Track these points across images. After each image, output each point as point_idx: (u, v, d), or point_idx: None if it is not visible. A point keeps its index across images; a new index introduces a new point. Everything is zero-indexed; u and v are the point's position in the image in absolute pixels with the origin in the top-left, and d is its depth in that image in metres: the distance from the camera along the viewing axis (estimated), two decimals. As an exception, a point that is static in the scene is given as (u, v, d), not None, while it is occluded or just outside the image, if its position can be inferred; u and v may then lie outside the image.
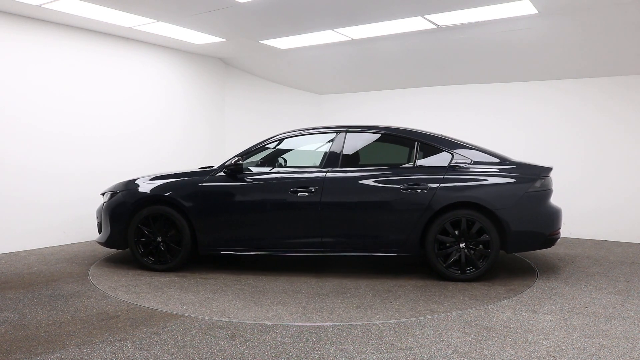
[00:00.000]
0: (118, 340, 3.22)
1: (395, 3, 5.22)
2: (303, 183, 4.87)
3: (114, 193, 5.29)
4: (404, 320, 3.62)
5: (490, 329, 3.43)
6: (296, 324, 3.55)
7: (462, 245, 4.67)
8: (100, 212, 5.37)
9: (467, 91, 7.94)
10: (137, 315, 3.72)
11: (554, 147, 7.21)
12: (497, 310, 3.83)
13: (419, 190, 4.68)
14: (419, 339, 3.25)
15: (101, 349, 3.08)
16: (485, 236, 4.62)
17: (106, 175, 6.76)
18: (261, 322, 3.57)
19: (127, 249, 5.28)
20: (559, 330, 3.42)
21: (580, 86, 7.08)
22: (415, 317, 3.69)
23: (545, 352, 3.03)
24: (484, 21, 5.71)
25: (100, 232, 5.41)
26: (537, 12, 5.34)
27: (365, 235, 4.84)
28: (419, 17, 5.64)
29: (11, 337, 3.28)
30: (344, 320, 3.63)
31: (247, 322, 3.58)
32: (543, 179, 4.74)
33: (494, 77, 7.59)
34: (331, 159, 4.98)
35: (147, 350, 3.07)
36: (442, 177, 4.71)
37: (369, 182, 4.84)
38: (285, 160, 5.46)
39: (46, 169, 6.18)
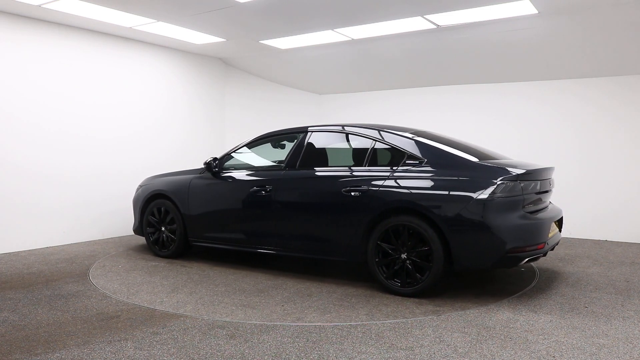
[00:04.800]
0: (118, 340, 3.22)
1: (395, 3, 5.22)
2: (261, 183, 4.96)
3: (138, 187, 6.06)
4: (403, 320, 3.63)
5: (490, 329, 3.43)
6: (296, 324, 3.55)
7: (404, 255, 4.17)
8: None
9: (467, 91, 7.94)
10: (137, 315, 3.72)
11: (553, 146, 7.20)
12: (497, 310, 3.83)
13: (358, 193, 4.37)
14: (419, 339, 3.25)
15: (101, 349, 3.09)
16: (425, 247, 4.07)
17: (107, 175, 6.77)
18: (261, 322, 3.57)
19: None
20: (559, 330, 3.42)
21: (580, 86, 7.08)
22: (410, 317, 3.70)
23: (545, 352, 3.03)
24: (484, 21, 5.70)
25: None
26: (537, 12, 5.34)
27: (311, 238, 4.66)
28: (419, 17, 5.64)
29: (11, 337, 3.29)
30: (228, 315, 3.65)
31: (248, 322, 3.58)
32: (507, 183, 3.95)
33: (494, 77, 7.58)
34: (291, 160, 4.93)
35: (147, 350, 3.07)
36: (386, 178, 4.30)
37: (315, 183, 4.70)
38: (263, 161, 5.55)
39: (46, 169, 6.18)
